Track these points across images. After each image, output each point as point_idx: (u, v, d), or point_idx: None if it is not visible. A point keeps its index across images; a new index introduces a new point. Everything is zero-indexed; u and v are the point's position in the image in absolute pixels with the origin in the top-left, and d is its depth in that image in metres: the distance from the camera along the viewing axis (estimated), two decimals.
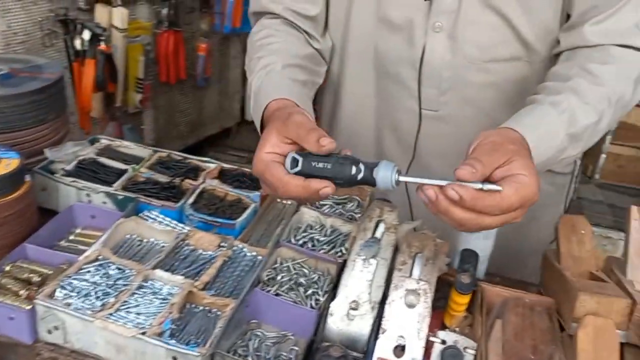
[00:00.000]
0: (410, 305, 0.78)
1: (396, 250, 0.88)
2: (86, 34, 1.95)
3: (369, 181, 0.70)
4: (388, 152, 1.14)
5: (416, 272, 0.83)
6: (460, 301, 0.84)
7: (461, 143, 1.05)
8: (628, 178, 2.94)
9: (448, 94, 1.03)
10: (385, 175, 0.69)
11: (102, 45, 1.96)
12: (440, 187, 0.67)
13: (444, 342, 0.79)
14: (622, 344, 0.80)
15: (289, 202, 1.12)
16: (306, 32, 1.07)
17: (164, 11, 2.48)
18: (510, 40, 0.98)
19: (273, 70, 0.94)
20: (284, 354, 0.80)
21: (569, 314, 0.82)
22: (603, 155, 2.89)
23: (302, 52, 1.03)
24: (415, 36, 1.00)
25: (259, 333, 0.82)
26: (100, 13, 2.07)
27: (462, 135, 1.06)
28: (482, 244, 0.97)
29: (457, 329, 0.84)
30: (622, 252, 0.93)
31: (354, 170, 0.70)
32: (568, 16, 0.98)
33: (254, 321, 0.84)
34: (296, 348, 0.80)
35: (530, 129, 0.80)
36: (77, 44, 1.97)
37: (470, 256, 0.86)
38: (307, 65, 1.01)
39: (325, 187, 0.70)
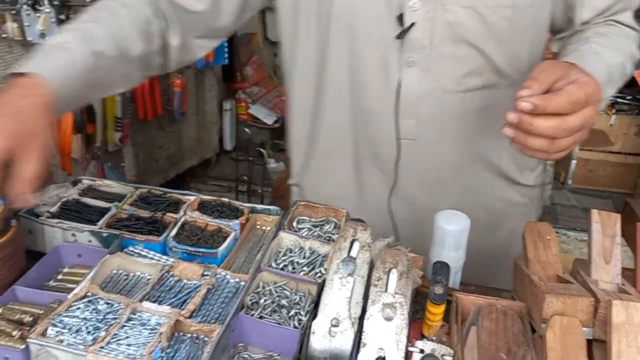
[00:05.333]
0: (388, 319, 0.82)
1: (372, 267, 0.92)
2: None
3: None
4: (368, 181, 1.17)
5: (391, 286, 0.87)
6: (435, 311, 0.88)
7: (440, 166, 1.12)
8: (598, 182, 3.03)
9: (425, 123, 1.06)
10: None
11: None
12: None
13: (422, 351, 0.83)
14: (590, 341, 0.85)
15: (268, 228, 1.16)
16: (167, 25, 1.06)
17: None
18: (483, 69, 1.03)
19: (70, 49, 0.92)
20: None
21: (538, 316, 0.87)
22: (574, 161, 2.98)
23: (135, 52, 1.02)
24: (390, 72, 1.03)
25: (246, 355, 0.85)
26: None
27: (440, 160, 1.12)
28: (454, 255, 1.02)
29: (434, 338, 0.88)
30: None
31: None
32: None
33: (240, 344, 0.88)
34: None
35: (580, 63, 0.86)
36: None
37: (442, 268, 0.91)
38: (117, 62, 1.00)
39: None
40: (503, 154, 1.15)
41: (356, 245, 0.94)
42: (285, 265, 1.02)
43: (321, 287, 0.92)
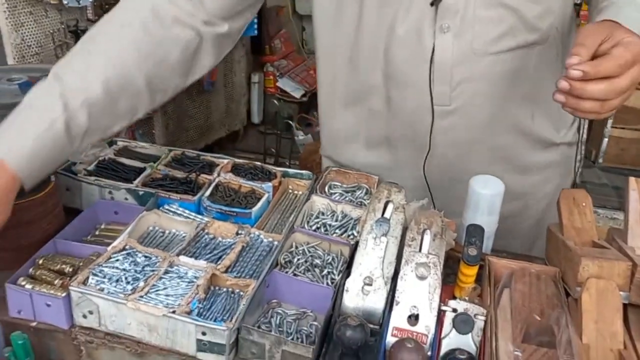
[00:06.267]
0: (422, 277, 0.83)
1: (405, 228, 0.92)
2: None
3: None
4: (402, 150, 1.17)
5: (425, 246, 0.87)
6: (468, 273, 0.88)
7: (473, 131, 1.11)
8: (630, 160, 2.99)
9: (459, 88, 1.06)
10: None
11: None
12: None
13: (455, 310, 0.83)
14: (625, 305, 0.84)
15: (301, 192, 1.17)
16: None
17: None
18: (517, 29, 1.02)
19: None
20: (305, 328, 0.84)
21: (573, 280, 0.87)
22: (605, 139, 2.93)
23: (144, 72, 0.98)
24: (424, 39, 1.02)
25: (279, 311, 0.87)
26: None
27: (473, 123, 1.11)
28: (487, 219, 1.01)
29: (467, 299, 0.88)
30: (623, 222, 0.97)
31: None
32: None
33: (274, 300, 0.89)
34: (316, 323, 0.85)
35: (619, 19, 0.87)
36: None
37: (476, 230, 0.90)
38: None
39: None
40: (537, 114, 1.14)
41: (390, 207, 0.94)
42: (318, 228, 1.03)
43: (354, 249, 0.92)
